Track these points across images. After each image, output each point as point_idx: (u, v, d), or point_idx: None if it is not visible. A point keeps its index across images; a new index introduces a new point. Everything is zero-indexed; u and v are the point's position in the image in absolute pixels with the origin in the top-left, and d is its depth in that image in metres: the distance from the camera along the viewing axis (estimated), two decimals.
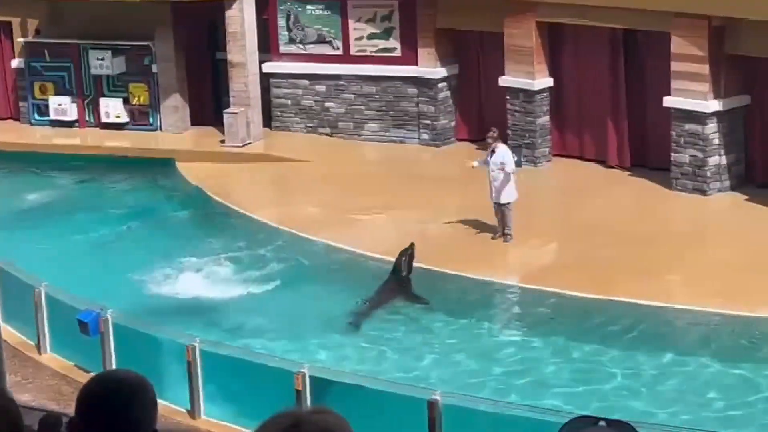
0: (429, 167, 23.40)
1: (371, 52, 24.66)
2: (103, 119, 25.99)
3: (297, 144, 24.81)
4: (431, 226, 20.35)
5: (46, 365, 16.12)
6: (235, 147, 24.46)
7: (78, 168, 24.48)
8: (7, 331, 15.99)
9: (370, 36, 24.61)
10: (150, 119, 25.88)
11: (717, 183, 20.77)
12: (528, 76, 22.73)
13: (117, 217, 22.02)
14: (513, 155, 19.52)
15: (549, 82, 22.85)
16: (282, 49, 25.29)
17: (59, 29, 26.14)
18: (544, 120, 22.91)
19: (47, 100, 26.23)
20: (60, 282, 16.80)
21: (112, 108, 25.87)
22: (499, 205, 19.16)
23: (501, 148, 19.37)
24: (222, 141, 24.72)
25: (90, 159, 24.76)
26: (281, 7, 25.12)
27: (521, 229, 19.57)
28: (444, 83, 24.31)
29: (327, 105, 25.20)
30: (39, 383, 15.68)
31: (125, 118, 25.91)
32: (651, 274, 17.88)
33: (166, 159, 24.49)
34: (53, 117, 26.21)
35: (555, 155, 23.18)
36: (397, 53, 24.46)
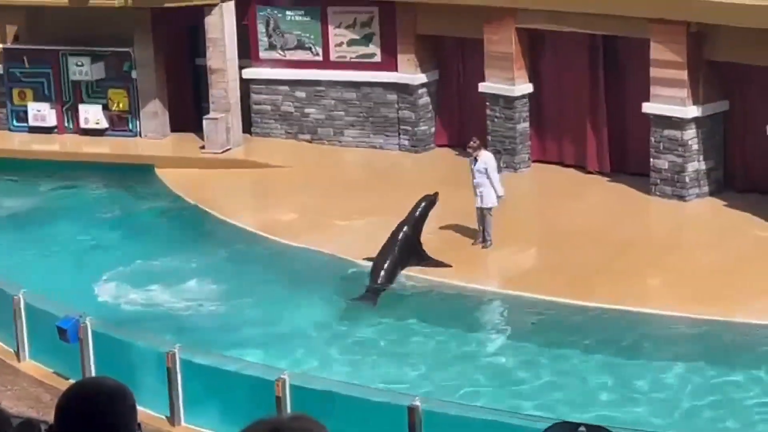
0: (409, 173, 23.42)
1: (351, 58, 24.67)
2: (82, 125, 25.90)
3: (277, 150, 24.79)
4: None
5: (25, 372, 16.06)
6: (215, 153, 24.43)
7: (57, 174, 24.39)
8: None
9: (350, 42, 24.62)
10: (129, 125, 25.81)
11: (696, 189, 20.85)
12: (508, 82, 22.77)
13: (96, 224, 21.95)
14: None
15: (528, 88, 22.90)
16: (262, 55, 25.28)
17: (38, 35, 26.08)
18: (523, 126, 22.96)
19: (26, 106, 26.14)
20: (38, 289, 16.74)
21: (91, 114, 25.79)
22: (482, 210, 19.16)
23: (484, 154, 19.38)
24: (202, 147, 24.69)
25: (69, 165, 24.66)
26: (261, 13, 25.12)
27: (501, 235, 19.60)
28: (424, 89, 24.34)
29: (307, 111, 25.19)
30: (18, 390, 15.62)
31: (104, 124, 25.83)
32: (630, 279, 17.93)
33: (145, 165, 24.43)
34: (32, 123, 26.11)
35: (535, 161, 23.23)
36: (377, 59, 24.48)
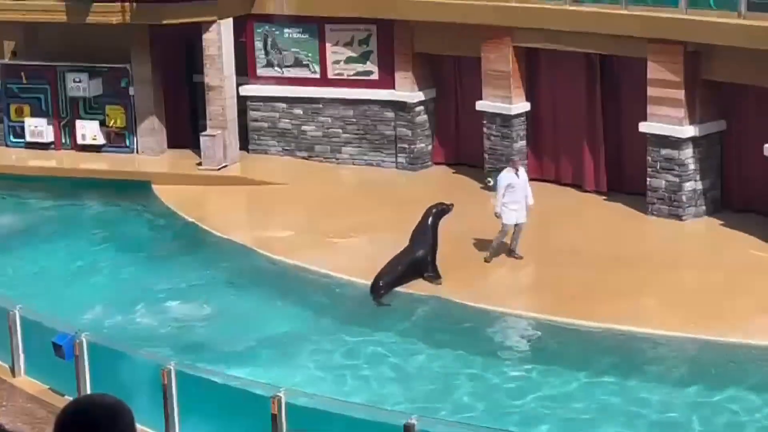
0: (406, 191, 23.43)
1: (348, 75, 24.71)
2: (80, 141, 25.94)
3: (274, 167, 24.81)
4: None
5: (20, 388, 16.01)
6: (212, 170, 24.44)
7: (53, 190, 24.39)
8: None
9: (347, 59, 24.66)
10: (126, 141, 25.84)
11: (692, 208, 20.86)
12: (505, 100, 22.81)
13: (92, 240, 21.94)
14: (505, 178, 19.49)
15: (526, 106, 22.94)
16: (259, 72, 25.31)
17: (36, 51, 26.12)
18: (520, 144, 22.99)
19: (23, 122, 26.16)
20: (34, 304, 16.70)
21: (88, 130, 25.82)
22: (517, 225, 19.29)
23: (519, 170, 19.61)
24: (199, 163, 24.70)
25: (66, 181, 24.68)
26: (258, 31, 25.16)
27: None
28: (421, 107, 24.38)
29: (304, 128, 25.22)
30: (13, 406, 15.57)
31: (101, 140, 25.86)
32: (626, 298, 17.92)
33: (142, 181, 24.44)
34: (29, 139, 26.15)
35: (532, 179, 23.12)
36: (375, 77, 24.52)
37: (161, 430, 14.50)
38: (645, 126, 21.02)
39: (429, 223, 19.17)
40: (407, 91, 24.22)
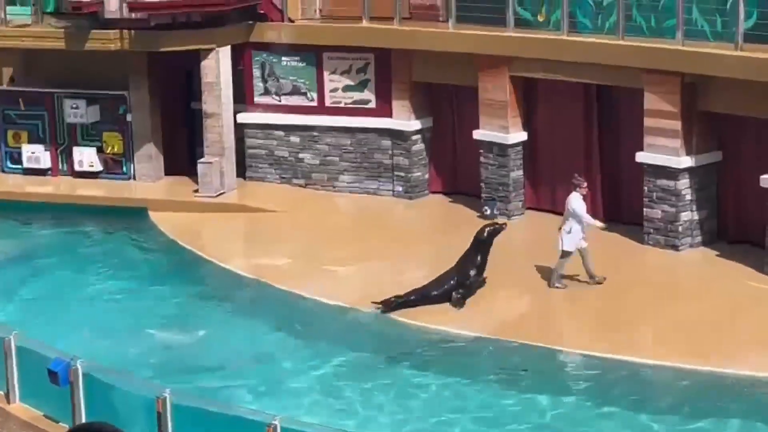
0: (402, 219, 23.47)
1: (346, 103, 24.76)
2: (77, 168, 25.95)
3: (271, 194, 24.83)
4: (404, 277, 20.35)
5: (14, 415, 15.95)
6: (209, 197, 24.45)
7: (50, 216, 24.39)
8: None
9: (345, 88, 24.72)
10: (123, 168, 25.85)
11: (689, 238, 20.88)
12: (502, 129, 22.86)
13: (88, 266, 21.92)
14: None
15: (523, 136, 22.98)
16: (257, 100, 25.37)
17: (34, 78, 26.15)
18: (517, 174, 23.02)
19: (20, 148, 26.18)
20: (29, 330, 16.67)
21: (85, 156, 25.84)
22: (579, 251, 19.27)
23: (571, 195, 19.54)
24: (195, 191, 24.70)
25: (62, 208, 24.67)
26: (257, 58, 25.23)
27: (496, 281, 19.64)
28: (418, 136, 24.42)
29: (301, 156, 25.26)
30: None
31: (98, 166, 25.88)
32: (623, 328, 17.91)
33: (139, 208, 24.44)
34: (26, 165, 26.16)
35: (528, 209, 23.27)
36: (372, 105, 24.57)
37: None
38: (642, 156, 21.06)
39: (475, 246, 19.27)
40: (404, 120, 24.28)
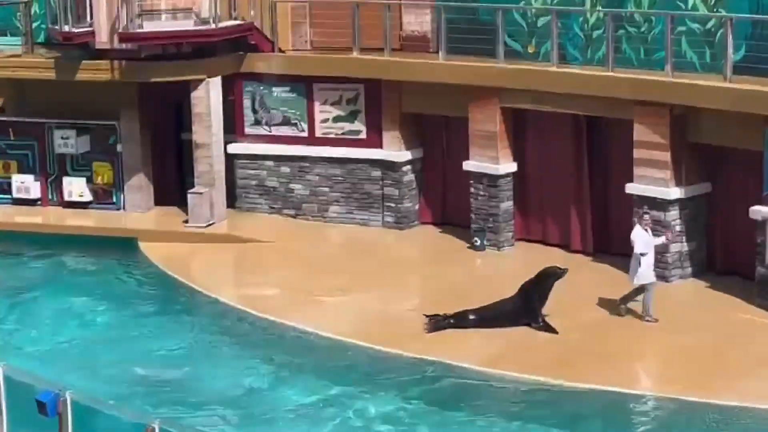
0: (392, 249, 23.47)
1: (336, 134, 24.80)
2: (66, 198, 25.94)
3: (261, 225, 24.83)
4: (393, 308, 20.35)
5: None
6: (199, 227, 24.44)
7: (39, 247, 24.34)
8: None
9: (335, 118, 24.76)
10: (113, 198, 25.84)
11: (679, 270, 20.90)
12: (492, 160, 22.90)
13: (77, 297, 21.85)
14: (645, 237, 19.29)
15: (513, 166, 23.02)
16: (247, 131, 25.39)
17: (25, 108, 26.15)
18: (507, 204, 23.04)
19: (10, 178, 26.16)
20: (17, 360, 16.62)
21: (75, 187, 25.83)
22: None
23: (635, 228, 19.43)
24: (185, 221, 24.69)
25: (52, 238, 24.64)
26: (247, 89, 25.27)
27: None
28: (408, 166, 24.45)
29: (291, 186, 25.27)
30: None
31: (88, 197, 25.86)
32: (614, 359, 17.90)
33: (128, 238, 24.41)
34: (16, 195, 26.13)
35: (518, 239, 23.29)
36: (363, 136, 24.61)
37: None
38: (631, 187, 21.11)
39: (534, 282, 19.38)
40: (395, 151, 24.31)
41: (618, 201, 21.79)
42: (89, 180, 25.88)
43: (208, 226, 24.55)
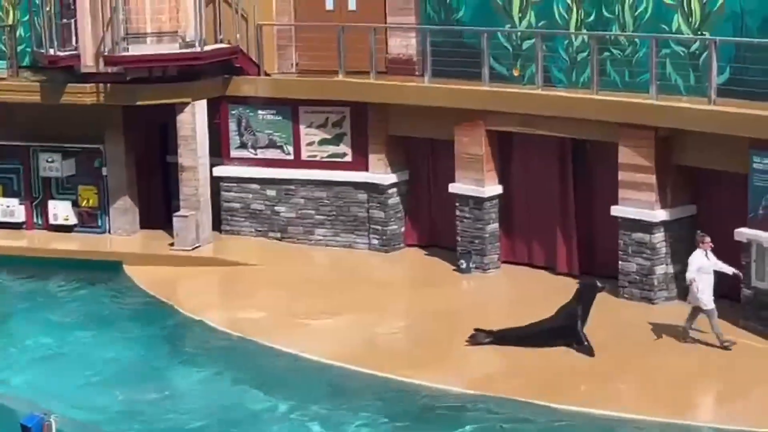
0: (378, 272, 23.45)
1: (322, 157, 24.81)
2: (51, 221, 25.89)
3: (246, 248, 24.81)
4: (379, 331, 20.33)
5: None
6: (185, 250, 24.40)
7: (24, 270, 24.28)
8: None
9: (321, 141, 24.78)
10: (99, 222, 25.80)
11: (664, 292, 20.92)
12: (478, 183, 22.93)
13: (61, 320, 21.79)
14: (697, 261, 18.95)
15: (498, 189, 23.05)
16: (233, 154, 25.39)
17: (9, 131, 26.11)
18: (493, 227, 23.07)
19: None
20: (1, 385, 16.57)
21: (60, 210, 25.78)
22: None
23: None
24: (171, 244, 24.65)
25: (37, 261, 24.58)
26: (233, 112, 25.28)
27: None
28: (394, 189, 24.47)
29: (277, 209, 25.26)
30: None
31: (74, 220, 25.82)
32: (599, 382, 17.90)
33: (114, 262, 24.37)
34: (0, 219, 26.06)
35: (504, 262, 23.30)
36: (348, 159, 24.63)
37: None
38: (617, 210, 21.15)
39: (576, 300, 19.29)
40: (380, 173, 24.33)
41: (603, 223, 21.82)
42: (74, 203, 25.84)
43: (193, 249, 24.51)
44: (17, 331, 21.23)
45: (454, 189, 23.23)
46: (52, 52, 24.52)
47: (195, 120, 24.52)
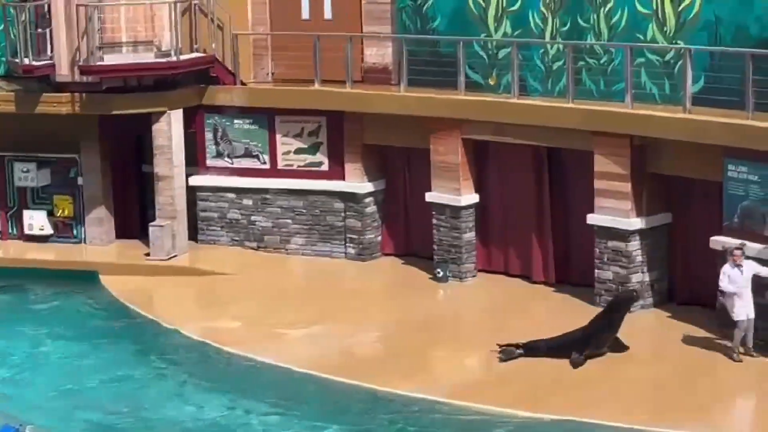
0: (355, 281, 23.45)
1: (298, 166, 24.80)
2: (27, 231, 25.79)
3: (223, 257, 24.76)
4: (356, 340, 20.32)
5: None
6: (160, 260, 24.33)
7: None
8: None
9: (297, 150, 24.77)
10: (74, 231, 25.71)
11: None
12: (454, 192, 22.95)
13: (36, 331, 21.70)
14: None
15: (474, 198, 23.08)
16: (209, 163, 25.35)
17: None
18: (469, 236, 23.09)
19: None
20: None
21: (35, 220, 25.68)
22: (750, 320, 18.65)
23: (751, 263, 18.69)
24: (147, 254, 24.58)
25: (12, 272, 24.46)
26: (209, 121, 25.25)
27: (449, 344, 19.63)
28: (371, 198, 24.47)
29: (253, 218, 25.23)
30: None
31: (49, 230, 25.72)
32: (577, 390, 17.92)
33: (89, 272, 24.28)
34: None
35: (480, 270, 23.33)
36: (325, 168, 24.62)
37: None
38: (592, 218, 21.20)
39: (607, 311, 19.18)
40: (357, 182, 24.33)
41: (579, 232, 21.87)
42: (50, 213, 25.74)
43: (169, 258, 24.45)
44: None
45: (430, 198, 23.25)
46: (27, 61, 24.43)
47: (171, 129, 24.48)
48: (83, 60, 23.85)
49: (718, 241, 19.59)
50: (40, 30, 24.53)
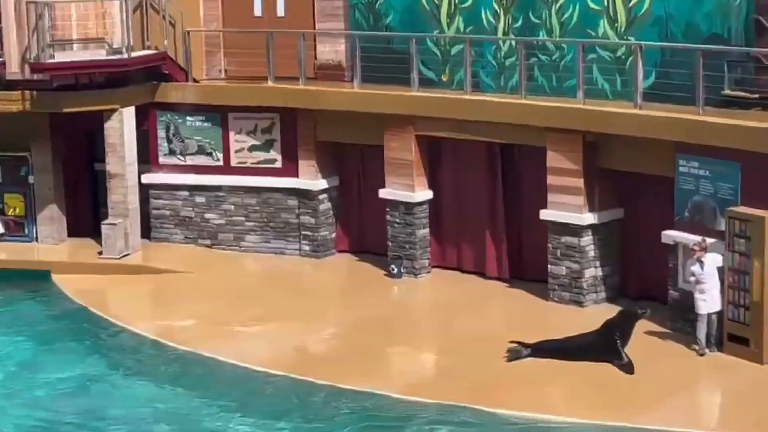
0: (310, 279, 23.44)
1: (252, 163, 24.74)
2: None
3: (176, 255, 24.66)
4: (311, 337, 20.32)
5: None
6: (113, 259, 24.21)
7: None
8: None
9: (250, 148, 24.71)
10: (26, 230, 25.52)
11: (593, 294, 21.11)
12: (408, 188, 22.99)
13: None
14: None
15: (428, 194, 23.13)
16: (162, 160, 25.24)
17: None
18: (423, 232, 23.13)
19: None
20: None
21: None
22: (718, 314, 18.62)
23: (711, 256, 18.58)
24: (100, 252, 24.45)
25: None
26: (161, 119, 25.13)
27: (402, 340, 19.66)
28: (325, 195, 24.46)
29: (207, 216, 25.15)
30: None
31: (0, 229, 25.52)
32: (531, 386, 18.00)
33: (41, 271, 24.11)
34: None
35: (434, 267, 23.38)
36: (278, 165, 24.58)
37: None
38: (545, 214, 21.31)
39: (617, 320, 18.84)
40: (311, 179, 24.31)
41: (532, 227, 21.97)
42: (1, 212, 25.54)
43: (122, 257, 24.33)
44: None
45: (384, 194, 23.28)
46: None
47: (123, 127, 24.35)
48: (34, 58, 23.66)
49: (669, 236, 19.75)
50: None
